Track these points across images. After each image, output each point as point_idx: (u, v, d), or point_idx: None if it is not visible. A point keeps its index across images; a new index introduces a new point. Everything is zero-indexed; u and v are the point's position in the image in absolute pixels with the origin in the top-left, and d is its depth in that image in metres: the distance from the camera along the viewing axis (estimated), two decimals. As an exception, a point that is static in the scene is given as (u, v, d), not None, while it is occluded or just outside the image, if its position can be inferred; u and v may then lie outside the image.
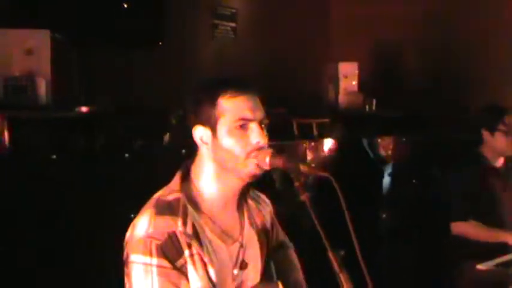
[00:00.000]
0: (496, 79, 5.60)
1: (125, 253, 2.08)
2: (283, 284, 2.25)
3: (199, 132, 2.11)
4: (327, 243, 1.86)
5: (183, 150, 3.49)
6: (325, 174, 1.92)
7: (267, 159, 2.04)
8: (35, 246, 3.33)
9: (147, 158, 3.69)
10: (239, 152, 2.06)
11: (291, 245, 2.51)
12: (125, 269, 2.08)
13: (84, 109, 3.76)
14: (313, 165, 1.86)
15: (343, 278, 1.84)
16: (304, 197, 1.91)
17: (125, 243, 2.09)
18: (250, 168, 2.07)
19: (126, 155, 3.48)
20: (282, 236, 2.49)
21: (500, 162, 4.24)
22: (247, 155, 2.06)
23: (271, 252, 2.37)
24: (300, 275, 2.43)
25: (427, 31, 6.00)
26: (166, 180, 2.18)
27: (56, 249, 3.35)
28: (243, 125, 2.07)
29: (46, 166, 3.33)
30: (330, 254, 1.86)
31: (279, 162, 2.03)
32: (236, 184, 2.15)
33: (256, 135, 2.06)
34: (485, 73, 5.66)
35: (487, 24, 5.67)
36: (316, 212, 1.88)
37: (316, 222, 1.88)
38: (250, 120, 2.07)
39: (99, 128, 3.71)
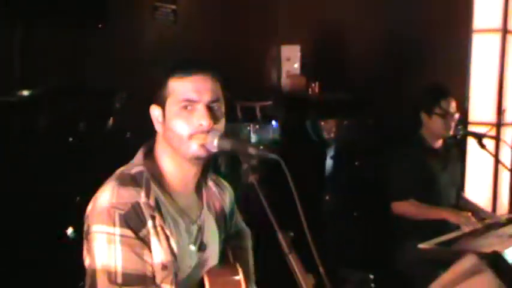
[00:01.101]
0: (439, 62, 5.69)
1: (85, 226, 2.07)
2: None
3: (155, 112, 2.15)
4: (276, 225, 1.88)
5: (128, 134, 3.47)
6: (274, 156, 1.94)
7: (215, 142, 2.05)
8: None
9: (91, 141, 3.65)
10: (182, 132, 2.07)
11: (248, 231, 2.54)
12: (85, 243, 2.08)
13: (25, 92, 3.67)
14: (261, 147, 1.87)
15: (292, 259, 1.86)
16: (252, 178, 1.92)
17: (85, 217, 2.08)
18: (193, 149, 2.08)
19: (70, 138, 3.43)
20: (240, 222, 2.52)
21: (439, 143, 4.35)
22: (190, 136, 2.07)
23: (228, 238, 2.40)
24: (250, 264, 2.44)
25: (370, 13, 6.05)
26: (112, 163, 2.19)
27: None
28: (188, 106, 2.08)
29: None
30: (279, 236, 1.87)
31: (227, 144, 2.04)
32: (188, 165, 2.16)
33: (200, 117, 2.07)
34: (428, 56, 5.74)
35: (431, 8, 5.75)
36: (264, 194, 1.89)
37: (265, 204, 1.89)
38: (196, 102, 2.08)
39: (40, 111, 3.63)
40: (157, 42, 5.49)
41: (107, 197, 2.01)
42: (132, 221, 1.99)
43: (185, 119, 2.07)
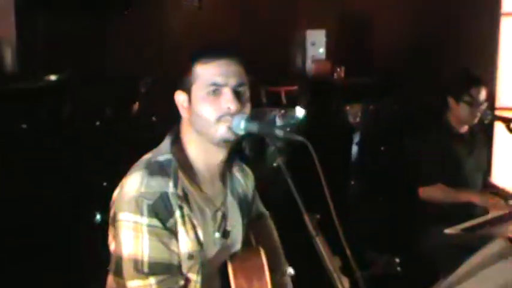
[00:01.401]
0: (466, 46, 5.65)
1: (111, 212, 2.09)
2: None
3: (179, 98, 2.14)
4: (303, 207, 1.87)
5: (153, 118, 3.48)
6: (301, 138, 1.93)
7: (242, 124, 2.05)
8: (8, 215, 3.30)
9: (118, 125, 3.67)
10: (209, 117, 2.06)
11: (267, 213, 2.54)
12: (111, 229, 2.10)
13: (53, 77, 3.70)
14: (288, 129, 1.87)
15: (319, 241, 1.86)
16: (279, 161, 1.91)
17: (111, 203, 2.10)
18: (221, 132, 2.07)
19: (97, 122, 3.45)
20: (260, 206, 2.53)
21: (465, 128, 4.29)
22: (218, 120, 2.06)
23: (250, 222, 2.41)
24: (277, 243, 2.46)
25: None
26: (139, 147, 2.20)
27: (29, 218, 3.33)
28: (215, 91, 2.07)
29: (16, 135, 3.29)
30: (306, 218, 1.87)
31: (254, 127, 2.04)
32: (215, 150, 2.15)
33: (227, 101, 2.06)
34: (456, 40, 5.70)
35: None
36: (290, 176, 1.89)
37: (291, 186, 1.88)
38: (222, 86, 2.07)
39: (68, 96, 3.66)
40: (182, 27, 5.50)
41: (135, 185, 2.01)
42: (160, 211, 1.99)
43: (212, 104, 2.06)
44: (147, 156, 2.13)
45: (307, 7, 6.23)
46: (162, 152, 2.12)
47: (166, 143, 2.15)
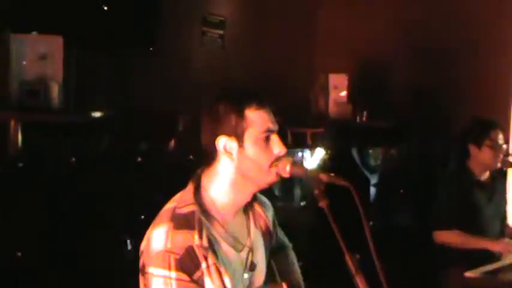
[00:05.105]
0: (484, 91, 5.73)
1: (140, 262, 2.14)
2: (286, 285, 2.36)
3: (223, 142, 2.17)
4: (344, 247, 1.97)
5: (191, 156, 3.57)
6: (345, 183, 2.04)
7: (288, 168, 2.16)
8: (52, 247, 3.38)
9: (157, 162, 3.76)
10: (264, 162, 2.16)
11: (289, 244, 2.59)
12: (141, 278, 2.15)
13: (98, 113, 3.83)
14: (332, 174, 1.95)
15: (359, 281, 1.95)
16: (323, 203, 2.02)
17: (140, 252, 2.15)
18: (272, 177, 2.18)
19: (139, 159, 3.55)
20: (282, 236, 2.57)
21: (485, 175, 4.34)
22: (271, 165, 2.17)
23: (272, 253, 2.45)
24: (299, 275, 2.51)
25: (415, 44, 6.13)
26: (175, 185, 2.26)
27: (72, 250, 3.41)
28: (267, 136, 2.17)
29: (65, 169, 3.39)
30: (347, 257, 1.96)
31: (300, 170, 2.16)
32: (251, 192, 2.24)
33: (278, 146, 2.18)
34: (473, 85, 5.80)
35: (475, 35, 5.81)
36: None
37: (334, 227, 1.98)
38: (272, 132, 2.19)
39: (109, 132, 3.78)
40: (205, 66, 5.61)
41: (162, 240, 2.06)
42: (187, 265, 2.04)
43: (266, 149, 2.16)
44: (170, 206, 2.17)
45: (329, 51, 6.37)
46: (186, 203, 2.15)
47: (189, 192, 2.19)
